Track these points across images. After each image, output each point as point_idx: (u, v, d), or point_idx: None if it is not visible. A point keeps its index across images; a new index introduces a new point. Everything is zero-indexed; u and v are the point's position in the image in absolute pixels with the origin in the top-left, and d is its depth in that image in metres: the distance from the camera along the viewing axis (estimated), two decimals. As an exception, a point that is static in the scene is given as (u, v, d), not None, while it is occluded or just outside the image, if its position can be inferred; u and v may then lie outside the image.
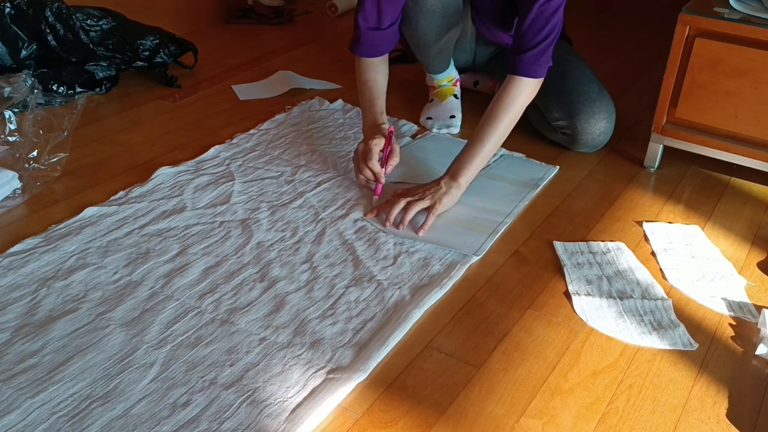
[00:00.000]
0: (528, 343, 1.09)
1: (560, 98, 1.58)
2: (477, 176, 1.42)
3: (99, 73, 1.88)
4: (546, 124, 1.66)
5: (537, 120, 1.69)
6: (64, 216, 1.36)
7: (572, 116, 1.57)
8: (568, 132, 1.60)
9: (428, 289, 1.18)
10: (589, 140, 1.59)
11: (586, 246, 1.31)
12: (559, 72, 1.57)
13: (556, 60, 1.53)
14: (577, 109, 1.56)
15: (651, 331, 1.11)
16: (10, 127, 1.51)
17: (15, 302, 1.13)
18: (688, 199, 1.48)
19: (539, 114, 1.66)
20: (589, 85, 1.58)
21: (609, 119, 1.58)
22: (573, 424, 0.96)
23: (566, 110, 1.57)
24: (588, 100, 1.56)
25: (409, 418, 0.96)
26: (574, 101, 1.56)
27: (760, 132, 1.42)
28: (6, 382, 0.98)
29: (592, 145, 1.61)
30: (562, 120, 1.59)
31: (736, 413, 0.98)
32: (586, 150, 1.63)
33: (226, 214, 1.37)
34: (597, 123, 1.57)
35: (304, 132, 1.70)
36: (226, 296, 1.15)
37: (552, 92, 1.58)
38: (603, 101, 1.57)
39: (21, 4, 1.81)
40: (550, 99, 1.59)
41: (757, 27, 1.35)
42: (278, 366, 1.02)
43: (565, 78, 1.59)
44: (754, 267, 1.27)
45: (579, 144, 1.61)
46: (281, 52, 2.24)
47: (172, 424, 0.92)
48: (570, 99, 1.57)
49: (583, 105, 1.56)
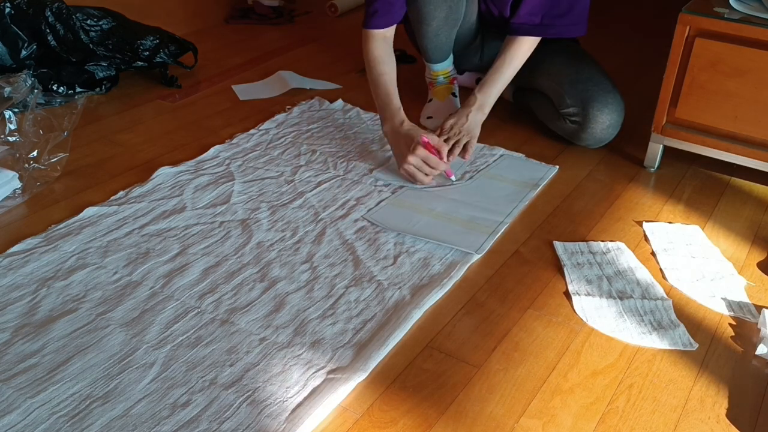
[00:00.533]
0: (528, 343, 1.09)
1: (574, 86, 1.59)
2: (477, 176, 1.47)
3: (99, 73, 1.88)
4: (553, 114, 1.66)
5: (544, 109, 1.70)
6: (64, 216, 1.36)
7: (586, 103, 1.57)
8: (578, 120, 1.60)
9: (428, 289, 1.18)
10: (598, 131, 1.59)
11: (586, 246, 1.31)
12: (575, 64, 1.62)
13: (572, 53, 1.63)
14: (593, 96, 1.57)
15: (651, 331, 1.11)
16: (10, 127, 1.51)
17: (15, 302, 1.13)
18: (688, 199, 1.48)
19: (548, 103, 1.67)
20: (605, 78, 1.60)
21: (620, 113, 1.59)
22: (573, 424, 0.96)
23: (580, 97, 1.58)
24: (604, 90, 1.57)
25: (409, 418, 0.96)
26: (589, 89, 1.58)
27: (760, 132, 1.42)
28: (6, 382, 0.98)
29: (599, 138, 1.61)
30: (574, 107, 1.59)
31: (736, 413, 0.98)
32: (590, 143, 1.63)
33: (226, 214, 1.37)
34: (610, 113, 1.57)
35: (304, 132, 1.70)
36: (226, 296, 1.15)
37: (567, 81, 1.60)
38: (617, 95, 1.59)
39: (21, 4, 1.81)
40: (563, 87, 1.61)
41: (757, 27, 1.35)
42: (278, 366, 1.02)
43: (581, 69, 1.61)
44: (754, 267, 1.27)
45: (586, 133, 1.60)
46: (281, 52, 2.24)
47: (172, 424, 0.92)
48: (586, 87, 1.58)
49: (598, 93, 1.57)
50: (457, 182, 1.50)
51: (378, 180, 1.49)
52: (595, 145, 1.64)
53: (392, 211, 1.38)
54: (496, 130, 1.72)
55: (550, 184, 1.52)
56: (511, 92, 1.84)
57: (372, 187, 1.47)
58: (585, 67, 1.61)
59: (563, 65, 1.63)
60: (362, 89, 1.86)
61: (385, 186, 1.47)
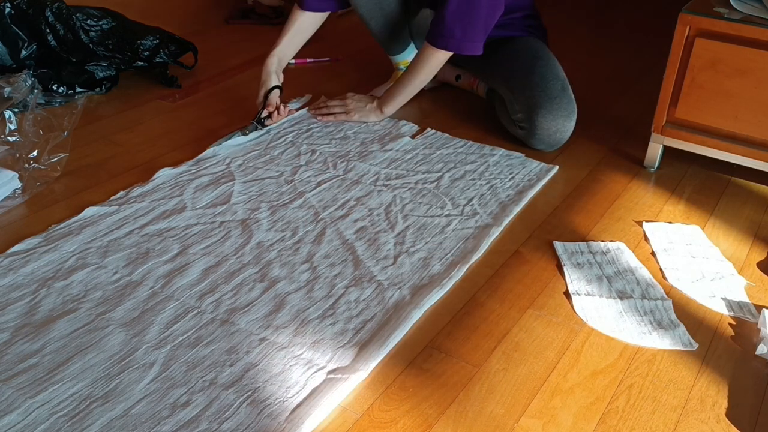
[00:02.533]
0: (528, 343, 1.09)
1: (523, 92, 1.59)
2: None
3: (99, 73, 1.88)
4: (508, 118, 1.67)
5: (502, 112, 1.71)
6: (64, 216, 1.36)
7: (531, 111, 1.57)
8: (525, 126, 1.60)
9: (428, 289, 1.18)
10: (545, 136, 1.59)
11: (586, 246, 1.31)
12: (527, 67, 1.61)
13: (525, 51, 1.61)
14: (537, 103, 1.56)
15: (651, 331, 1.11)
16: (10, 127, 1.51)
17: (15, 302, 1.13)
18: (688, 199, 1.48)
19: (504, 107, 1.68)
20: (553, 81, 1.58)
21: (567, 117, 1.58)
22: (573, 424, 0.96)
23: (527, 104, 1.58)
24: (549, 97, 1.56)
25: (409, 418, 0.96)
26: (535, 96, 1.57)
27: (760, 132, 1.42)
28: (6, 382, 0.98)
29: (548, 143, 1.61)
30: (521, 113, 1.60)
31: (736, 413, 0.98)
32: (542, 147, 1.62)
33: (226, 214, 1.37)
34: (554, 120, 1.56)
35: (304, 132, 1.70)
36: (226, 296, 1.15)
37: (517, 86, 1.60)
38: (564, 99, 1.57)
39: (21, 4, 1.81)
40: (514, 92, 1.61)
41: (758, 27, 1.35)
42: (278, 366, 1.02)
43: (531, 73, 1.60)
44: (754, 267, 1.27)
45: (535, 139, 1.60)
46: (281, 52, 2.24)
47: (172, 424, 0.92)
48: (532, 94, 1.57)
49: (543, 100, 1.56)
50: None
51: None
52: (549, 148, 1.63)
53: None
54: (496, 130, 1.72)
55: (550, 184, 1.52)
56: (485, 90, 1.85)
57: (372, 187, 1.47)
58: (537, 71, 1.59)
59: (516, 70, 1.62)
60: (362, 89, 1.86)
61: (384, 186, 1.47)
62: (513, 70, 1.63)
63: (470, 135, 1.70)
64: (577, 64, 1.73)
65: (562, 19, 2.59)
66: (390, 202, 1.42)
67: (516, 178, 1.52)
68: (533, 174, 1.54)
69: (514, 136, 1.67)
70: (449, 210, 1.40)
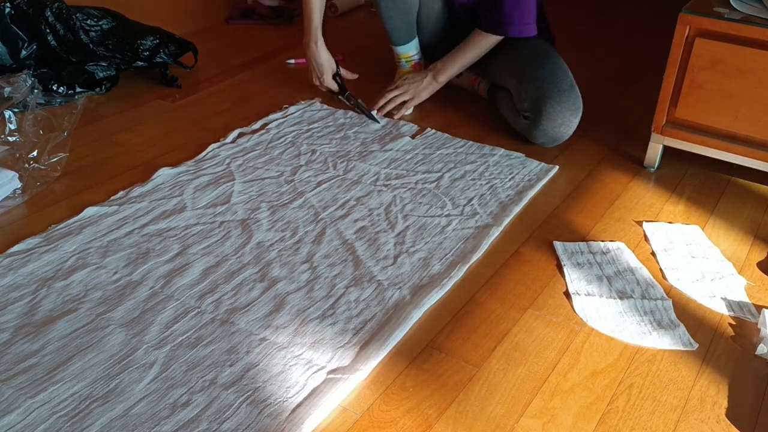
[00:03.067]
0: (528, 343, 1.09)
1: (532, 83, 1.60)
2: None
3: (99, 73, 1.88)
4: (512, 109, 1.67)
5: (505, 104, 1.72)
6: (64, 216, 1.36)
7: (539, 100, 1.58)
8: (530, 116, 1.60)
9: (428, 289, 1.18)
10: (549, 128, 1.59)
11: (586, 246, 1.31)
12: (537, 61, 1.62)
13: (535, 49, 1.64)
14: (546, 93, 1.57)
15: (651, 331, 1.11)
16: (10, 127, 1.51)
17: (15, 302, 1.13)
18: (688, 199, 1.48)
19: (509, 99, 1.69)
20: (563, 76, 1.59)
21: (574, 113, 1.58)
22: (573, 424, 0.96)
23: (535, 94, 1.59)
24: (558, 89, 1.57)
25: (409, 418, 0.96)
26: (544, 87, 1.58)
27: (760, 132, 1.42)
28: (6, 382, 0.98)
29: (551, 136, 1.61)
30: (528, 102, 1.60)
31: (736, 413, 0.98)
32: (544, 140, 1.63)
33: (226, 214, 1.37)
34: (562, 112, 1.57)
35: (304, 132, 1.70)
36: (226, 296, 1.15)
37: (526, 78, 1.61)
38: (572, 94, 1.58)
39: (21, 4, 1.81)
40: (522, 83, 1.62)
41: (758, 27, 1.35)
42: (278, 366, 1.02)
43: (541, 67, 1.61)
44: (754, 267, 1.27)
45: (538, 130, 1.60)
46: (281, 52, 2.24)
47: (172, 424, 0.92)
48: (542, 84, 1.58)
49: (552, 92, 1.57)
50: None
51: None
52: (550, 143, 1.63)
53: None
54: (496, 130, 1.73)
55: (549, 184, 1.52)
56: (486, 89, 1.86)
57: (372, 187, 1.47)
58: (546, 65, 1.61)
59: (526, 63, 1.64)
60: (363, 90, 1.86)
61: (384, 186, 1.47)
62: (522, 63, 1.65)
63: (470, 135, 1.70)
64: (577, 64, 1.72)
65: (562, 19, 2.58)
66: (390, 202, 1.42)
67: (516, 178, 1.52)
68: (533, 174, 1.54)
69: (514, 134, 1.67)
70: (449, 210, 1.40)
